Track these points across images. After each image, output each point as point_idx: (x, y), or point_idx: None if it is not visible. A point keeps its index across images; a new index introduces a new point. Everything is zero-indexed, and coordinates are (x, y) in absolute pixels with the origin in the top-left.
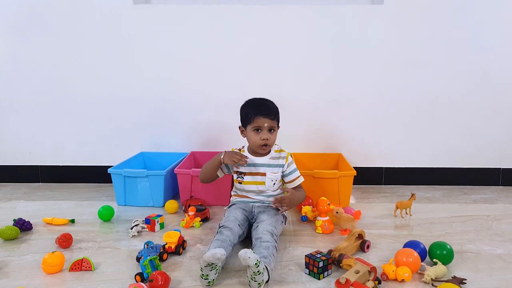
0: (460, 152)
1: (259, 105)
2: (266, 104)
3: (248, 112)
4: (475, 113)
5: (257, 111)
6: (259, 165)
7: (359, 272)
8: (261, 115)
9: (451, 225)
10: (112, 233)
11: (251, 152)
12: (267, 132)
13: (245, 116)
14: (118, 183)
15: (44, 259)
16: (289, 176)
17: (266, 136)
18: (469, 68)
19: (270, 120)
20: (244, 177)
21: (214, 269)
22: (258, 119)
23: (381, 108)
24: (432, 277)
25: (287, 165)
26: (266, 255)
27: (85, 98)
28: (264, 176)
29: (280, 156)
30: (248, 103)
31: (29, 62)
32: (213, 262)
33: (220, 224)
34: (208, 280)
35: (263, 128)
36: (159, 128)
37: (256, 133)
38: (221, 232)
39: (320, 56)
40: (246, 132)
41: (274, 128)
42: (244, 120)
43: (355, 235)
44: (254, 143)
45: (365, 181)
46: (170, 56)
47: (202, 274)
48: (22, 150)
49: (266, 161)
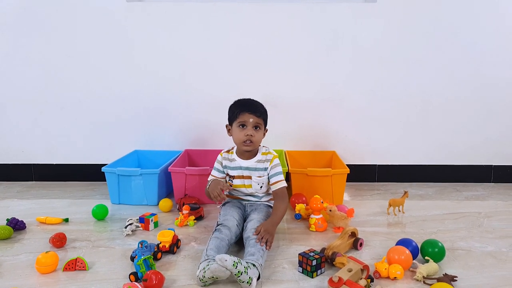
0: (452, 150)
1: (246, 103)
2: (254, 102)
3: (235, 109)
4: (467, 111)
5: (243, 107)
6: (245, 169)
7: (352, 270)
8: (247, 111)
9: (443, 222)
10: (106, 232)
11: (239, 154)
12: (252, 128)
13: (231, 114)
14: (112, 182)
15: (38, 259)
16: (271, 178)
17: (250, 132)
18: (461, 66)
19: (256, 116)
20: (233, 181)
21: (214, 279)
22: (243, 115)
23: (375, 106)
24: (423, 274)
25: (270, 168)
26: (254, 252)
27: (78, 96)
28: (250, 180)
29: (266, 159)
30: (236, 102)
31: (22, 60)
32: (220, 276)
33: (219, 222)
34: (205, 284)
35: (248, 123)
36: (153, 126)
37: (241, 129)
38: (220, 230)
39: (314, 55)
40: (232, 130)
41: (259, 126)
42: (231, 118)
43: (348, 233)
44: (238, 139)
45: (359, 178)
46: (164, 54)
47: (200, 279)
48: (15, 149)
49: (252, 165)
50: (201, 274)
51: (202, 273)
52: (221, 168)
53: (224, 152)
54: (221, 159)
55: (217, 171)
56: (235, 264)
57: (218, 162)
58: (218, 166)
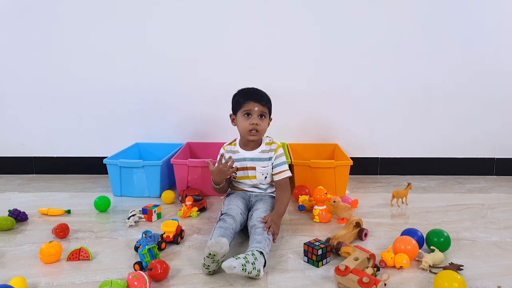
0: (455, 142)
1: (250, 91)
2: (258, 91)
3: (239, 98)
4: (470, 104)
5: (247, 96)
6: (249, 159)
7: (358, 259)
8: (251, 99)
9: (447, 213)
10: (109, 223)
11: (242, 145)
12: (257, 117)
13: (235, 103)
14: (113, 174)
15: (41, 249)
16: (275, 168)
17: (256, 121)
18: (464, 59)
19: (260, 105)
20: (237, 173)
21: (215, 262)
22: (248, 104)
23: (377, 99)
24: (429, 263)
25: (275, 157)
26: (260, 239)
27: (78, 89)
28: (254, 171)
29: (270, 149)
30: (240, 90)
31: (21, 53)
32: (216, 251)
33: (222, 211)
34: (209, 270)
35: (253, 112)
36: (153, 119)
37: (246, 118)
38: (224, 219)
39: (317, 46)
40: (236, 119)
41: (265, 115)
42: (235, 107)
43: (353, 224)
44: (243, 128)
45: (361, 171)
46: (165, 46)
47: (204, 263)
48: (14, 142)
49: (256, 155)
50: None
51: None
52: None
53: (227, 145)
54: (223, 152)
55: None
56: (244, 268)
57: (221, 155)
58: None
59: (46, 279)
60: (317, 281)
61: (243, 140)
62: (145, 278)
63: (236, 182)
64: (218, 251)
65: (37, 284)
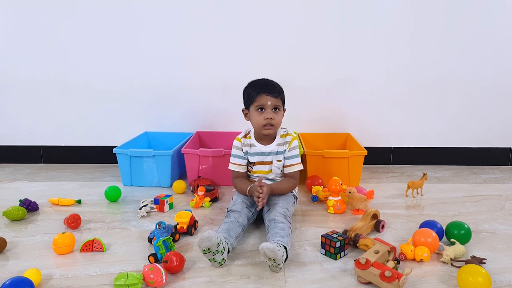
0: (469, 132)
1: (262, 83)
2: (270, 82)
3: (250, 91)
4: (485, 92)
5: (260, 89)
6: (267, 154)
7: (379, 252)
8: (264, 92)
9: (464, 205)
10: (120, 214)
11: (257, 138)
12: (271, 111)
13: (247, 97)
14: (123, 163)
15: (55, 240)
16: (287, 160)
17: (270, 115)
18: (481, 47)
19: (273, 98)
20: (253, 167)
21: (217, 253)
22: (260, 97)
23: (390, 87)
24: (451, 257)
25: (288, 150)
26: (283, 235)
27: (86, 78)
28: (271, 165)
29: (285, 141)
30: (250, 83)
31: (30, 41)
32: (208, 245)
33: (228, 208)
34: (218, 262)
35: (266, 106)
36: (163, 108)
37: (260, 113)
38: (229, 215)
39: (329, 34)
40: (250, 114)
41: (278, 107)
42: (247, 101)
43: (370, 215)
44: (257, 123)
45: (373, 161)
46: (174, 35)
47: (208, 259)
48: (23, 130)
49: (272, 149)
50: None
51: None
52: (242, 154)
53: (242, 138)
54: (240, 145)
55: (239, 158)
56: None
57: (238, 148)
58: (238, 153)
59: (60, 270)
60: (335, 274)
61: (257, 133)
62: (161, 271)
63: (250, 175)
64: (210, 245)
65: (51, 276)
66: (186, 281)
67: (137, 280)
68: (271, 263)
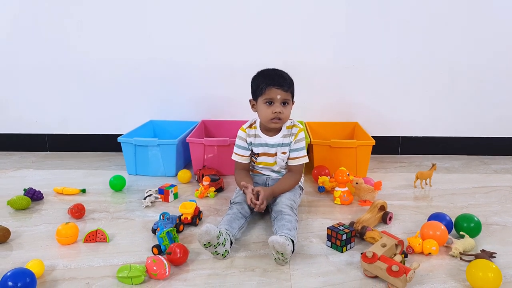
0: (479, 121)
1: (272, 75)
2: (280, 74)
3: (259, 82)
4: (496, 81)
5: (269, 81)
6: (271, 146)
7: (386, 245)
8: (273, 85)
9: (474, 196)
10: (124, 203)
11: (263, 129)
12: (279, 105)
13: (256, 88)
14: (128, 152)
15: (58, 230)
16: (292, 153)
17: (278, 109)
18: (492, 33)
19: (283, 91)
20: (258, 158)
21: (218, 245)
22: (270, 90)
23: (399, 75)
24: (460, 250)
25: (294, 142)
26: (290, 227)
27: (92, 66)
28: (275, 157)
29: (291, 133)
30: (260, 73)
31: (34, 29)
32: (208, 239)
33: (231, 200)
34: (221, 254)
35: (275, 100)
36: (168, 96)
37: (268, 106)
38: (231, 207)
39: (337, 20)
40: (257, 106)
41: (288, 101)
42: (255, 92)
43: (378, 207)
44: (265, 117)
45: (381, 150)
46: (179, 22)
47: (210, 252)
48: (28, 118)
49: (277, 141)
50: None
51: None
52: (246, 145)
53: (247, 128)
54: (245, 136)
55: (242, 149)
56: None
57: (242, 139)
58: (242, 144)
59: (64, 261)
60: (341, 268)
61: (263, 125)
62: (164, 263)
63: (254, 166)
64: (209, 238)
65: (54, 266)
66: (189, 273)
67: (140, 272)
68: (278, 256)
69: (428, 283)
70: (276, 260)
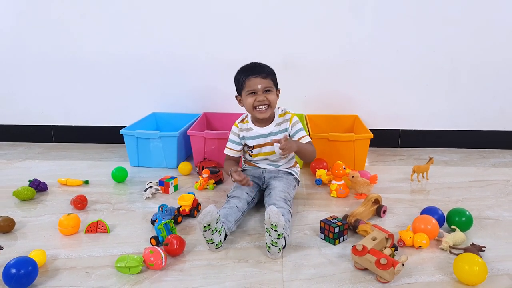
0: (480, 114)
1: (249, 67)
2: (257, 64)
3: (239, 77)
4: (496, 74)
5: (247, 72)
6: (266, 136)
7: (376, 239)
8: (252, 75)
9: (469, 190)
10: (126, 195)
11: (255, 122)
12: (262, 94)
13: (237, 83)
14: (131, 144)
15: (60, 221)
16: (294, 136)
17: (262, 97)
18: (492, 26)
19: (262, 79)
20: (253, 151)
21: (215, 231)
22: (249, 81)
23: (399, 68)
24: (450, 244)
25: (291, 127)
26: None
27: (96, 58)
28: (272, 146)
29: (285, 120)
30: (239, 69)
31: (40, 21)
32: (208, 221)
33: (228, 194)
34: (215, 244)
35: (257, 90)
36: (170, 89)
37: (252, 96)
38: (229, 201)
39: (336, 13)
40: (243, 100)
41: (270, 89)
42: (238, 88)
43: (372, 200)
44: (249, 106)
45: (381, 143)
46: (182, 15)
47: (206, 240)
48: (34, 110)
49: (271, 130)
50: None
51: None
52: (238, 140)
53: (239, 122)
54: (237, 131)
55: (233, 143)
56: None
57: (235, 134)
58: (234, 138)
59: (66, 251)
60: (333, 260)
61: (254, 117)
62: (161, 254)
63: (250, 159)
64: (210, 220)
65: (56, 256)
66: (185, 264)
67: (137, 262)
68: (271, 229)
69: (416, 275)
70: (269, 248)
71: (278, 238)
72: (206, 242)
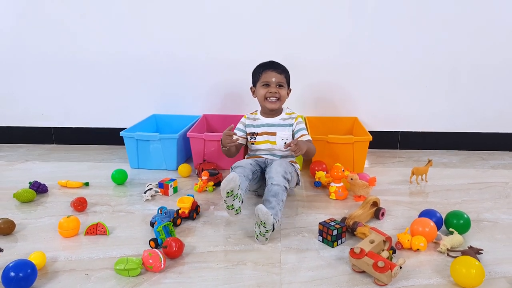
0: (479, 116)
1: (268, 62)
2: (275, 62)
3: (257, 70)
4: (496, 76)
5: (265, 66)
6: (270, 125)
7: (374, 241)
8: (268, 69)
9: (468, 192)
10: (126, 197)
11: (263, 114)
12: (275, 86)
13: (254, 75)
14: (130, 147)
15: (60, 223)
16: (296, 133)
17: (274, 90)
18: (492, 26)
19: (278, 74)
20: (256, 138)
21: (236, 198)
22: (266, 74)
23: (399, 70)
24: (447, 247)
25: (296, 124)
26: (274, 205)
27: (96, 58)
28: (275, 136)
29: (291, 117)
30: (258, 64)
31: (40, 21)
32: (232, 187)
33: (232, 166)
34: (235, 209)
35: (271, 82)
36: (170, 90)
37: (264, 88)
38: (233, 170)
39: (336, 14)
40: (256, 91)
41: (282, 84)
42: (254, 79)
43: (370, 203)
44: (261, 96)
45: (380, 145)
46: (182, 15)
47: (227, 205)
48: (34, 111)
49: (277, 121)
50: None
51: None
52: (243, 128)
53: (248, 114)
54: (244, 120)
55: (237, 130)
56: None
57: (241, 123)
58: (240, 126)
59: (65, 253)
60: (331, 262)
61: (264, 109)
62: (160, 256)
63: (254, 149)
64: (233, 186)
65: (56, 258)
66: (184, 266)
67: (136, 265)
68: (260, 226)
69: (414, 278)
70: (257, 236)
71: (266, 232)
72: (227, 208)
